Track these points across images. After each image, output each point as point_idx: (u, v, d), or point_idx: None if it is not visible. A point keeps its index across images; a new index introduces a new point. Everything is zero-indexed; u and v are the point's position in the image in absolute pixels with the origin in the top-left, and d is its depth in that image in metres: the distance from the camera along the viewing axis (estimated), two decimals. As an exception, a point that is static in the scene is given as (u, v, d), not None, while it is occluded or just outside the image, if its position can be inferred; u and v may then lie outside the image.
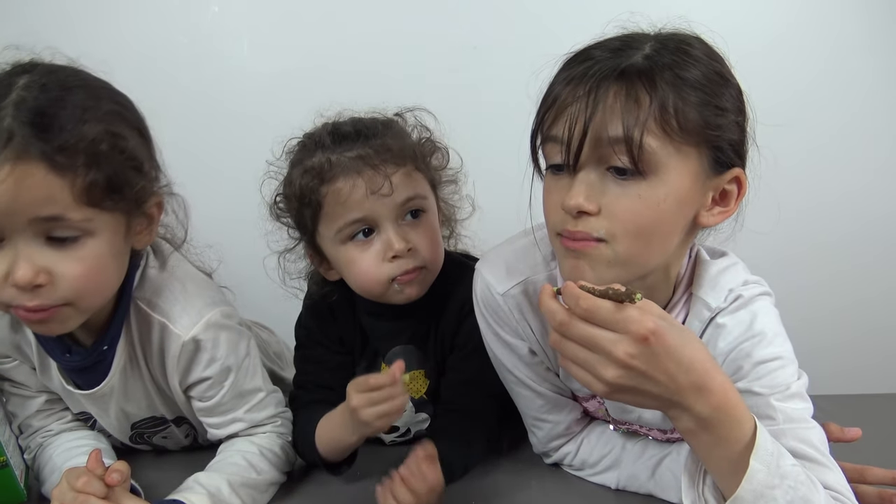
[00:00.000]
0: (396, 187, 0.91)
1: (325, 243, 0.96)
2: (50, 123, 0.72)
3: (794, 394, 0.77)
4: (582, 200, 0.73)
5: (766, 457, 0.66)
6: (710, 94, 0.73)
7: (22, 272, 0.73)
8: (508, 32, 1.45)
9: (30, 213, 0.72)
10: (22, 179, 0.70)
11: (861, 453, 0.85)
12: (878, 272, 1.55)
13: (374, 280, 0.94)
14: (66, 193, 0.73)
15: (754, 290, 0.83)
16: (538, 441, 0.99)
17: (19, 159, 0.70)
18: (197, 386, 0.91)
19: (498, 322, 0.92)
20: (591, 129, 0.71)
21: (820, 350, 0.90)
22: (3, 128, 0.70)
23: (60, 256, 0.75)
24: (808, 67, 1.45)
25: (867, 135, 1.48)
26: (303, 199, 0.93)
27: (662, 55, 0.73)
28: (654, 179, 0.72)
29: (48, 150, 0.71)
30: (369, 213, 0.92)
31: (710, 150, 0.74)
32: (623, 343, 0.63)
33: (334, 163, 0.91)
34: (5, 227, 0.73)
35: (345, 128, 0.94)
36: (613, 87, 0.71)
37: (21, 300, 0.75)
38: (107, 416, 0.95)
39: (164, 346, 0.89)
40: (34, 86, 0.73)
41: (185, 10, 1.43)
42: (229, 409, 0.94)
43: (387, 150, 0.92)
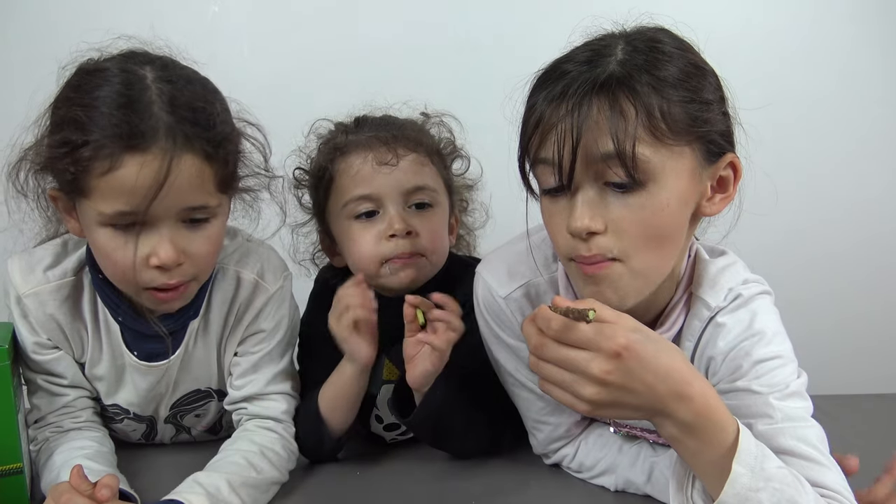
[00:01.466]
0: (405, 169, 0.95)
1: (333, 220, 0.99)
2: (204, 119, 0.80)
3: (794, 392, 0.77)
4: (587, 221, 0.72)
5: (750, 460, 0.66)
6: (690, 89, 0.72)
7: (166, 253, 0.81)
8: (510, 33, 1.45)
9: (185, 202, 0.81)
10: (183, 171, 0.78)
11: (861, 453, 0.85)
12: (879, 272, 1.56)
13: (368, 258, 0.96)
14: (212, 183, 0.82)
15: (754, 289, 0.83)
16: (538, 443, 0.99)
17: (183, 152, 0.78)
18: (252, 337, 0.98)
19: (500, 325, 0.92)
20: (581, 148, 0.70)
21: (820, 350, 0.90)
22: (163, 123, 0.77)
23: (193, 237, 0.84)
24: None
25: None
26: (318, 174, 0.98)
27: (635, 57, 0.72)
28: (653, 186, 0.72)
29: (206, 143, 0.80)
30: (375, 191, 0.95)
31: (702, 143, 0.74)
32: (597, 361, 0.64)
33: (350, 140, 0.96)
34: (159, 213, 0.80)
35: (371, 118, 1.00)
36: (595, 101, 0.70)
37: (162, 280, 0.83)
38: (153, 391, 0.98)
39: (251, 302, 0.97)
40: (165, 80, 0.80)
41: (185, 10, 1.43)
42: (259, 368, 0.98)
43: (403, 135, 0.97)
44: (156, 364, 0.96)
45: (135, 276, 0.83)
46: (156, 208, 0.79)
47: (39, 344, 0.92)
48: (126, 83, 0.79)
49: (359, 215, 0.96)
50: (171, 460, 1.02)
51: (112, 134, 0.76)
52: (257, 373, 0.97)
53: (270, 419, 0.96)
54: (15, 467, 0.87)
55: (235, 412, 0.98)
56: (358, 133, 0.98)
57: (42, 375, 0.94)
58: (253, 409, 0.96)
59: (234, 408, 0.99)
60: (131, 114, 0.76)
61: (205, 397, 1.02)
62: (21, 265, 0.91)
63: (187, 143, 0.78)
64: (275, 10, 1.45)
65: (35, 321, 0.91)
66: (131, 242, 0.81)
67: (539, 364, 0.67)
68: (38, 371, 0.94)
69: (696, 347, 0.84)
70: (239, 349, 0.98)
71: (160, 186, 0.77)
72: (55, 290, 0.91)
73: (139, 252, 0.81)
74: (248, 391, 0.97)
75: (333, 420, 0.96)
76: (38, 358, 0.92)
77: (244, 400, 0.97)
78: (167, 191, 0.78)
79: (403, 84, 1.41)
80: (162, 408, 1.01)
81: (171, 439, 1.07)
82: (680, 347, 0.84)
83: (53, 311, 0.91)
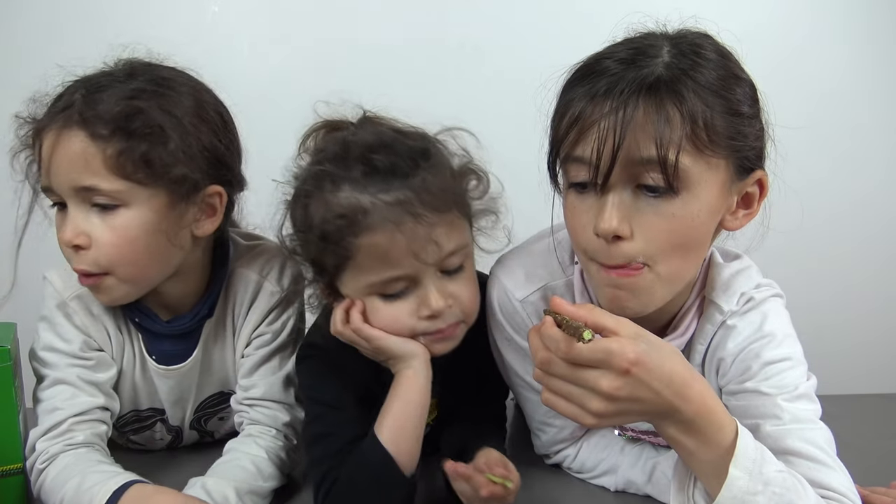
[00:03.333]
0: (440, 240, 0.79)
1: (348, 290, 0.83)
2: (109, 102, 0.80)
3: (802, 394, 0.77)
4: (616, 224, 0.71)
5: (748, 463, 0.65)
6: (732, 100, 0.71)
7: (64, 231, 0.83)
8: (510, 33, 1.45)
9: (72, 180, 0.81)
10: (67, 147, 0.80)
11: (861, 453, 0.85)
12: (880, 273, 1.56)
13: (400, 332, 0.83)
14: (100, 164, 0.80)
15: (765, 293, 0.83)
16: (542, 444, 0.99)
17: (69, 129, 0.80)
18: (258, 339, 0.97)
19: (513, 327, 0.91)
20: (623, 149, 0.69)
21: (820, 350, 0.90)
22: (68, 105, 0.81)
23: (97, 223, 0.83)
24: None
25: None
26: (326, 244, 0.79)
27: (682, 61, 0.71)
28: (686, 195, 0.71)
29: (97, 123, 0.79)
30: (411, 271, 0.80)
31: (736, 158, 0.73)
32: (607, 378, 0.62)
33: (369, 210, 0.77)
34: (59, 189, 0.82)
35: (377, 160, 0.78)
36: (642, 102, 0.68)
37: (73, 263, 0.85)
38: (176, 396, 0.98)
39: (257, 303, 0.96)
40: (118, 77, 0.83)
41: (185, 10, 1.43)
42: (262, 371, 0.97)
43: (428, 193, 0.78)
44: (175, 367, 0.96)
45: (66, 258, 0.86)
46: (56, 187, 0.83)
47: (87, 344, 0.92)
48: (94, 77, 0.85)
49: (388, 294, 0.82)
50: (167, 469, 1.00)
51: (42, 120, 0.84)
52: (260, 377, 0.97)
53: (273, 428, 0.95)
54: (15, 467, 0.87)
55: (238, 414, 0.98)
56: (370, 191, 0.78)
57: (77, 370, 0.91)
58: (254, 415, 0.96)
59: (238, 408, 0.98)
60: (56, 101, 0.84)
61: (228, 399, 1.02)
62: (60, 272, 0.92)
63: (75, 120, 0.80)
64: (275, 10, 1.45)
65: (81, 323, 0.91)
66: (60, 223, 0.85)
67: (545, 377, 0.66)
68: (75, 369, 0.91)
69: (707, 350, 0.84)
70: (245, 350, 0.98)
71: (48, 157, 0.82)
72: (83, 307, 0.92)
73: (60, 233, 0.85)
74: (252, 394, 0.96)
75: (402, 453, 0.81)
76: (80, 360, 0.91)
77: (247, 403, 0.97)
78: (55, 166, 0.81)
79: (404, 84, 1.42)
80: (188, 413, 1.01)
81: (193, 444, 1.07)
82: (692, 351, 0.85)
83: (99, 312, 0.92)
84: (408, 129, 0.85)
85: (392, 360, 0.84)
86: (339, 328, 0.83)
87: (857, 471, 0.76)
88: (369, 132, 0.83)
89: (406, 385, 0.83)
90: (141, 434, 1.03)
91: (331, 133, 0.86)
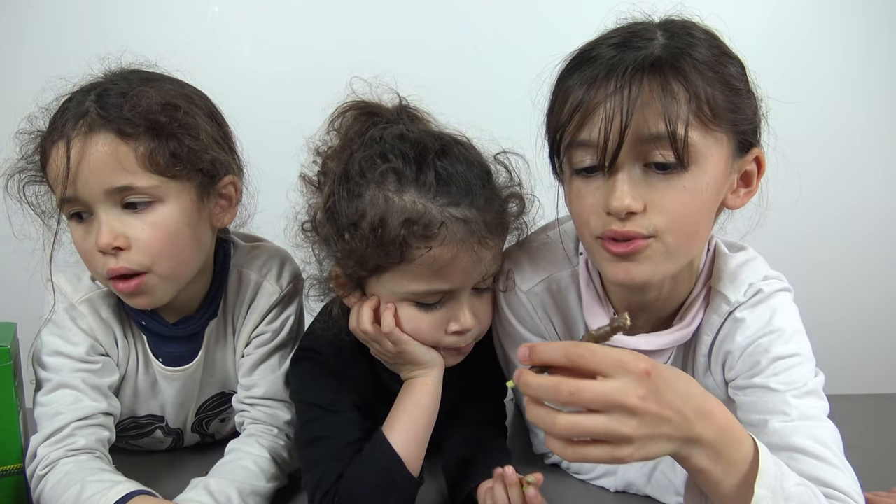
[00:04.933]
0: (488, 263, 0.82)
1: (380, 289, 0.82)
2: (126, 102, 0.81)
3: (811, 391, 0.77)
4: (629, 201, 0.71)
5: (770, 481, 0.64)
6: (726, 75, 0.73)
7: (102, 236, 0.82)
8: (510, 33, 1.45)
9: (106, 182, 0.81)
10: (95, 151, 0.80)
11: (861, 453, 0.85)
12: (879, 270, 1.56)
13: (423, 340, 0.83)
14: (133, 162, 0.81)
15: (774, 286, 0.82)
16: (539, 442, 0.99)
17: (92, 133, 0.80)
18: (258, 339, 0.98)
19: (519, 320, 0.91)
20: (631, 127, 0.70)
21: (821, 348, 0.91)
22: (81, 113, 0.81)
23: (135, 222, 0.83)
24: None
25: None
26: (380, 242, 0.77)
27: (678, 41, 0.72)
28: (696, 170, 0.72)
29: (121, 123, 0.80)
30: (454, 287, 0.81)
31: (736, 132, 0.74)
32: (630, 385, 0.57)
33: (443, 223, 0.76)
34: (88, 197, 0.82)
35: (449, 170, 0.78)
36: (647, 81, 0.70)
37: (110, 264, 0.83)
38: (182, 398, 0.98)
39: (257, 303, 0.97)
40: (114, 81, 0.85)
41: (185, 10, 1.43)
42: (262, 370, 0.97)
43: (491, 216, 0.80)
44: (181, 369, 0.97)
45: (94, 266, 0.85)
46: (83, 193, 0.82)
47: (93, 348, 0.92)
48: (91, 86, 0.85)
49: (424, 304, 0.82)
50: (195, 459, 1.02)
51: (49, 133, 0.83)
52: (260, 376, 0.97)
53: (275, 427, 0.96)
54: (15, 467, 0.87)
55: (239, 414, 0.98)
56: (439, 202, 0.77)
57: (82, 375, 0.91)
58: (256, 414, 0.96)
59: (239, 408, 0.99)
60: (69, 107, 0.83)
61: (228, 400, 1.02)
62: (67, 276, 0.93)
63: (98, 125, 0.80)
64: (275, 10, 1.45)
65: (89, 327, 0.92)
66: (85, 232, 0.84)
67: (561, 429, 0.58)
68: (80, 374, 0.91)
69: (714, 342, 0.84)
70: (245, 350, 0.99)
71: (68, 167, 0.80)
72: (105, 295, 0.93)
73: (90, 241, 0.84)
74: (253, 393, 0.97)
75: (411, 456, 0.82)
76: (85, 365, 0.91)
77: (248, 402, 0.97)
78: (82, 172, 0.80)
79: (404, 84, 1.42)
80: (189, 415, 1.02)
81: (195, 445, 1.08)
82: (698, 342, 0.85)
83: (107, 316, 0.93)
84: (464, 140, 0.84)
85: (409, 366, 0.85)
86: (366, 326, 0.82)
87: (856, 471, 0.76)
88: (431, 136, 0.81)
89: (422, 391, 0.84)
90: (140, 440, 1.03)
91: (365, 116, 0.85)
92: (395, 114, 0.85)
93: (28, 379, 0.94)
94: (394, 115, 0.84)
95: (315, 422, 0.87)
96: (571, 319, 0.90)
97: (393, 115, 0.85)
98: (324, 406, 0.87)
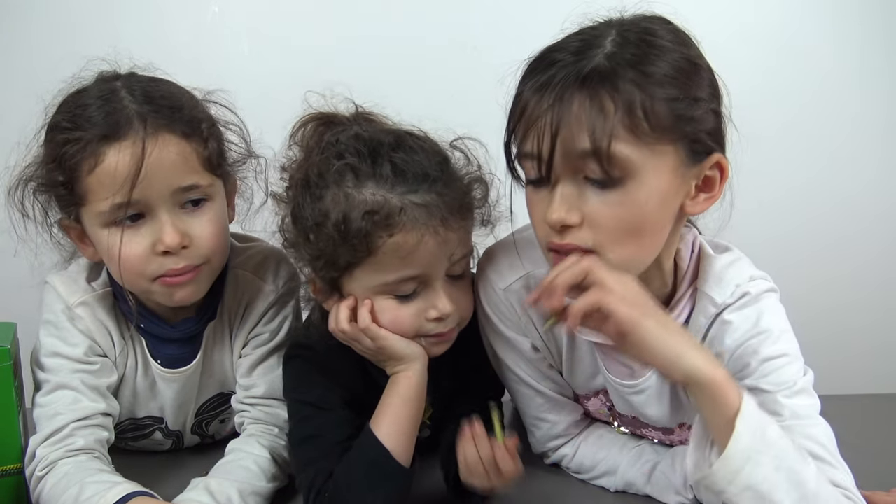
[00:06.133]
0: (454, 241, 0.82)
1: (355, 286, 0.83)
2: (175, 103, 0.85)
3: (801, 390, 0.78)
4: (564, 214, 0.72)
5: (752, 422, 0.68)
6: (680, 86, 0.71)
7: (170, 237, 0.83)
8: (509, 32, 1.45)
9: (174, 182, 0.83)
10: (163, 151, 0.82)
11: (861, 453, 0.85)
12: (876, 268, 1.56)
13: (403, 333, 0.84)
14: (196, 161, 0.85)
15: (761, 286, 0.82)
16: (536, 441, 0.99)
17: (158, 133, 0.82)
18: (255, 339, 0.98)
19: (500, 318, 0.91)
20: (560, 143, 0.70)
21: (820, 348, 0.91)
22: (135, 112, 0.82)
23: (194, 221, 0.86)
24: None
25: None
26: (345, 238, 0.78)
27: (625, 50, 0.71)
28: (631, 183, 0.71)
29: (181, 124, 0.84)
30: (426, 271, 0.82)
31: (686, 142, 0.72)
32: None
33: (404, 209, 0.78)
34: (153, 199, 0.83)
35: (405, 160, 0.80)
36: (577, 96, 0.69)
37: (170, 265, 0.85)
38: (181, 399, 0.98)
39: (254, 304, 0.98)
40: (134, 81, 0.86)
41: (185, 10, 1.43)
42: (260, 370, 0.97)
43: (452, 199, 0.81)
44: (180, 370, 0.97)
45: (144, 269, 0.85)
46: (148, 195, 0.82)
47: (91, 349, 0.92)
48: (101, 90, 0.85)
49: (400, 295, 0.83)
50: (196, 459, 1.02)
51: (92, 132, 0.81)
52: (259, 376, 0.97)
53: (276, 427, 0.96)
54: (15, 467, 0.87)
55: (239, 414, 0.98)
56: (398, 191, 0.79)
57: (81, 375, 0.91)
58: (256, 414, 0.96)
59: (239, 408, 0.99)
60: (107, 110, 0.82)
61: (227, 401, 1.02)
62: (63, 279, 0.93)
63: (162, 125, 0.82)
64: (275, 10, 1.45)
65: (86, 328, 0.92)
66: (137, 235, 0.84)
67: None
68: (78, 374, 0.91)
69: (702, 344, 0.84)
70: (243, 351, 0.99)
71: (139, 167, 0.80)
72: (102, 297, 0.93)
73: (144, 243, 0.84)
74: (253, 393, 0.97)
75: (399, 449, 0.82)
76: (84, 365, 0.91)
77: (249, 403, 0.97)
78: (152, 173, 0.81)
79: (404, 84, 1.42)
80: (188, 417, 1.02)
81: (195, 445, 1.07)
82: None
83: (103, 317, 0.93)
84: (419, 132, 0.86)
85: (392, 361, 0.85)
86: (343, 326, 0.83)
87: (854, 471, 0.76)
88: (385, 132, 0.84)
89: (405, 384, 0.84)
90: (140, 442, 1.03)
91: (323, 126, 0.87)
92: (351, 118, 0.87)
93: (28, 379, 0.94)
94: (350, 120, 0.87)
95: (307, 420, 0.88)
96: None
97: (349, 119, 0.87)
98: (314, 404, 0.88)
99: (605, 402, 0.95)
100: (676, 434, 0.92)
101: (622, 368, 0.87)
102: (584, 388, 0.95)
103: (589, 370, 0.91)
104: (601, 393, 0.94)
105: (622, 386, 0.88)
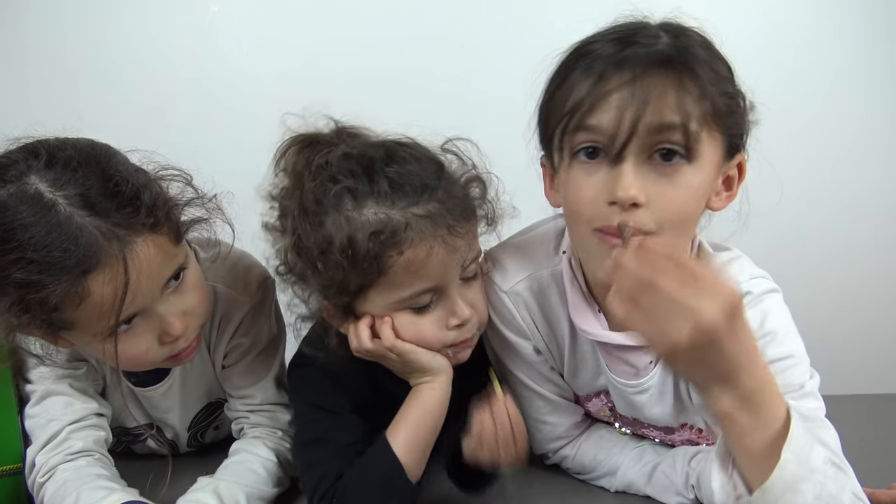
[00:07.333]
0: (462, 247, 0.81)
1: (372, 307, 0.82)
2: (124, 196, 0.73)
3: (808, 392, 0.77)
4: (635, 192, 0.71)
5: (798, 448, 0.64)
6: (730, 83, 0.74)
7: (175, 328, 0.80)
8: (507, 32, 1.45)
9: (163, 277, 0.78)
10: (143, 256, 0.74)
11: (861, 453, 0.85)
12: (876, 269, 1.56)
13: (428, 345, 0.83)
14: (170, 244, 0.78)
15: (763, 286, 0.82)
16: (537, 442, 0.99)
17: (131, 242, 0.73)
18: (236, 350, 0.96)
19: (502, 320, 0.91)
20: (646, 116, 0.70)
21: (824, 350, 0.91)
22: (94, 229, 0.71)
23: (182, 298, 0.81)
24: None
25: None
26: (354, 262, 0.76)
27: (680, 41, 0.73)
28: (696, 166, 0.73)
29: (143, 217, 0.74)
30: (440, 282, 0.80)
31: (727, 138, 0.75)
32: (711, 305, 0.59)
33: (409, 224, 0.76)
34: (146, 302, 0.77)
35: (400, 173, 0.78)
36: (659, 73, 0.70)
37: (175, 351, 0.83)
38: (163, 410, 0.97)
39: (230, 316, 0.94)
40: (59, 183, 0.72)
41: (185, 10, 1.43)
42: (251, 379, 0.96)
43: (454, 204, 0.79)
44: (152, 388, 0.95)
45: (152, 359, 0.82)
46: (140, 302, 0.76)
47: (73, 354, 0.91)
48: (34, 214, 0.70)
49: (418, 308, 0.82)
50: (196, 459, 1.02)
51: (63, 272, 0.71)
52: (251, 385, 0.96)
53: (279, 429, 0.95)
54: (15, 467, 0.87)
55: (236, 421, 0.98)
56: (399, 206, 0.77)
57: (68, 380, 0.90)
58: (257, 419, 0.96)
59: (235, 415, 0.98)
60: (64, 243, 0.70)
61: (217, 408, 1.02)
62: None
63: (129, 232, 0.73)
64: (275, 10, 1.46)
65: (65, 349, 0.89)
66: (135, 336, 0.79)
67: (641, 290, 0.62)
68: (65, 379, 0.90)
69: None
70: (225, 361, 0.97)
71: (126, 289, 0.73)
72: None
73: (147, 339, 0.80)
74: (250, 402, 0.96)
75: (413, 461, 0.82)
76: (69, 371, 0.91)
77: (246, 410, 0.97)
78: (140, 282, 0.74)
79: (404, 84, 1.42)
80: (180, 431, 1.01)
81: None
82: None
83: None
84: (408, 141, 0.84)
85: (417, 374, 0.85)
86: (367, 345, 0.82)
87: (855, 472, 0.76)
88: (374, 146, 0.81)
89: (429, 396, 0.84)
90: (136, 445, 1.03)
91: (307, 148, 0.84)
92: (334, 137, 0.84)
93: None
94: (334, 139, 0.84)
95: (314, 423, 0.87)
96: (554, 320, 0.90)
97: (333, 138, 0.84)
98: (323, 407, 0.87)
99: (607, 403, 0.95)
100: (677, 434, 0.92)
101: (626, 368, 0.87)
102: (585, 389, 0.95)
103: (591, 371, 0.91)
104: (602, 393, 0.93)
105: (625, 386, 0.87)
